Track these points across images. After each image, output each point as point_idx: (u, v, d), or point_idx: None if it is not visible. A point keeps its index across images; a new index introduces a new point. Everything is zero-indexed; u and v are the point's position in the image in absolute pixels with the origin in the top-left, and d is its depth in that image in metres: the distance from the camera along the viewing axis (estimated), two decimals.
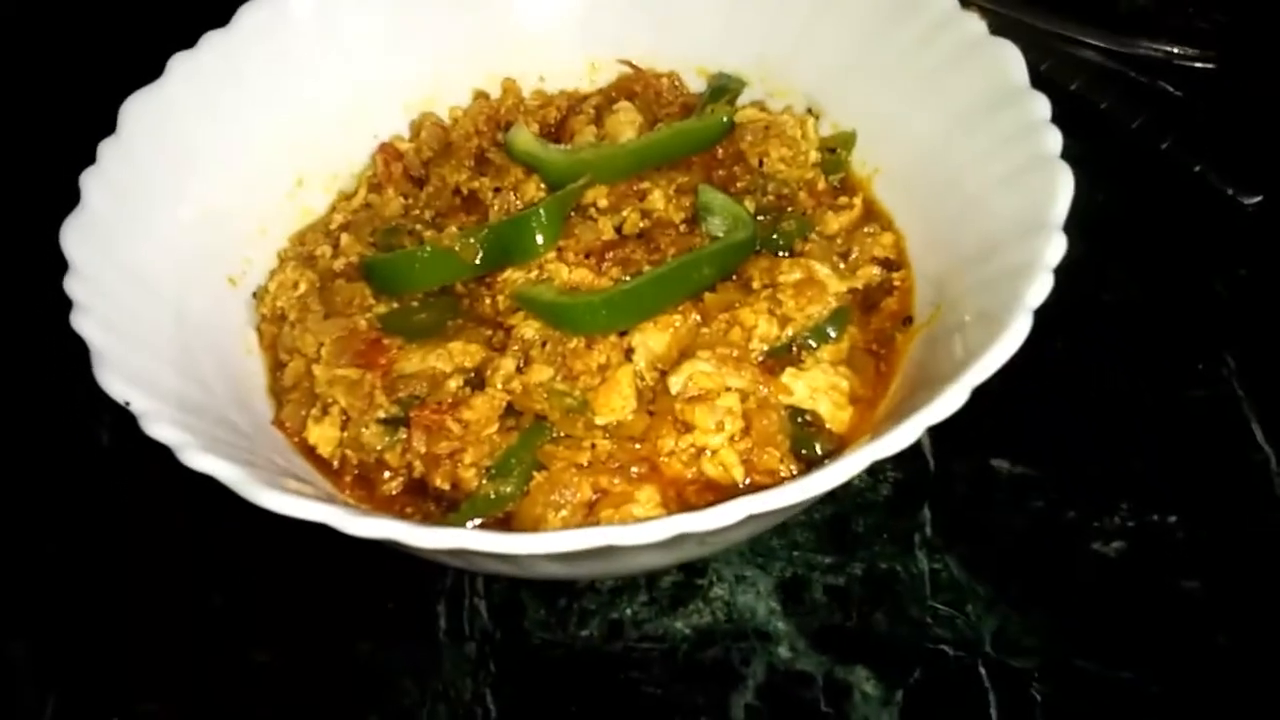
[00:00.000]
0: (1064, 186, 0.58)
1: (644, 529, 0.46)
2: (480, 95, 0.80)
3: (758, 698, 0.62)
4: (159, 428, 0.51)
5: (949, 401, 0.50)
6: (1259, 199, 0.83)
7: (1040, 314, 0.55)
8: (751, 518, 0.47)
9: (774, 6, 0.76)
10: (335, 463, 0.62)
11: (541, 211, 0.66)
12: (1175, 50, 0.91)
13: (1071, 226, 0.58)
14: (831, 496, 0.69)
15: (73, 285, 0.57)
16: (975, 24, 0.68)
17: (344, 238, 0.71)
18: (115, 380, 0.53)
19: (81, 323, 0.55)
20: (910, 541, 0.67)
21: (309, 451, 0.62)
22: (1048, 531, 0.68)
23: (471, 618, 0.65)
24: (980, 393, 0.53)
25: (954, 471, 0.70)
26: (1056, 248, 0.55)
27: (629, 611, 0.65)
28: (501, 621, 0.65)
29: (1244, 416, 0.72)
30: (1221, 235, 0.82)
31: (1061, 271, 0.56)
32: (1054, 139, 0.60)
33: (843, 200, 0.72)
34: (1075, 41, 0.93)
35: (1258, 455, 0.70)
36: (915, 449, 0.71)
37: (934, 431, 0.70)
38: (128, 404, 0.52)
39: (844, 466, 0.49)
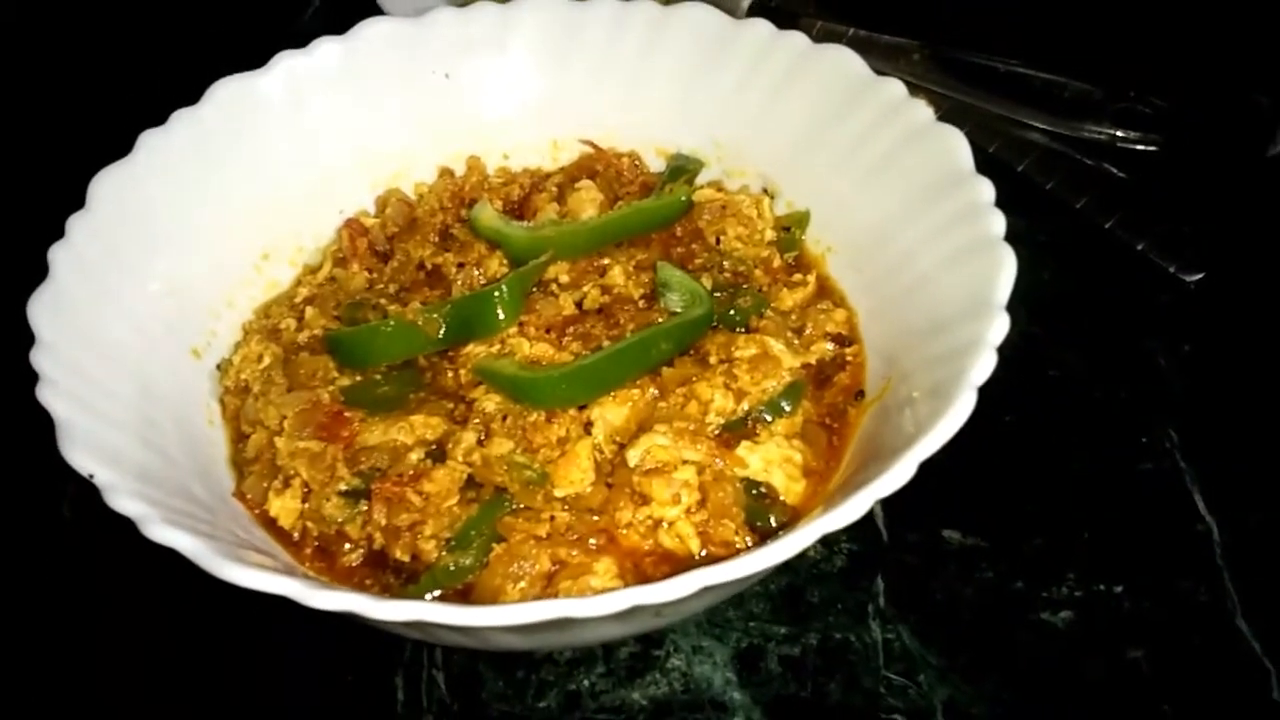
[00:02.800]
0: (1007, 268, 0.60)
1: (600, 601, 0.47)
2: (445, 172, 0.82)
3: None
4: (122, 500, 0.51)
5: (897, 476, 0.52)
6: (1200, 276, 0.86)
7: (988, 389, 0.57)
8: (706, 589, 0.48)
9: (729, 92, 0.78)
10: (296, 535, 0.63)
11: (504, 287, 0.68)
12: (1119, 134, 0.95)
13: (1017, 303, 0.60)
14: (787, 568, 0.71)
15: (39, 358, 0.58)
16: (923, 111, 0.70)
17: (308, 311, 0.72)
18: (79, 453, 0.53)
19: (47, 396, 0.56)
20: (864, 612, 0.68)
21: (270, 523, 0.63)
22: (997, 601, 0.69)
23: (429, 689, 0.65)
24: (931, 466, 0.54)
25: (906, 543, 0.72)
26: (1000, 327, 0.57)
27: (586, 683, 0.65)
28: (459, 693, 0.65)
29: (1186, 489, 0.74)
30: (1164, 312, 0.85)
31: (1009, 347, 0.58)
32: (998, 222, 0.63)
33: (797, 277, 0.74)
34: (1022, 125, 0.96)
35: (1200, 526, 0.72)
36: (868, 521, 0.73)
37: (886, 504, 0.73)
38: (91, 477, 0.52)
39: (796, 539, 0.50)
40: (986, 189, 0.65)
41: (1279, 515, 0.72)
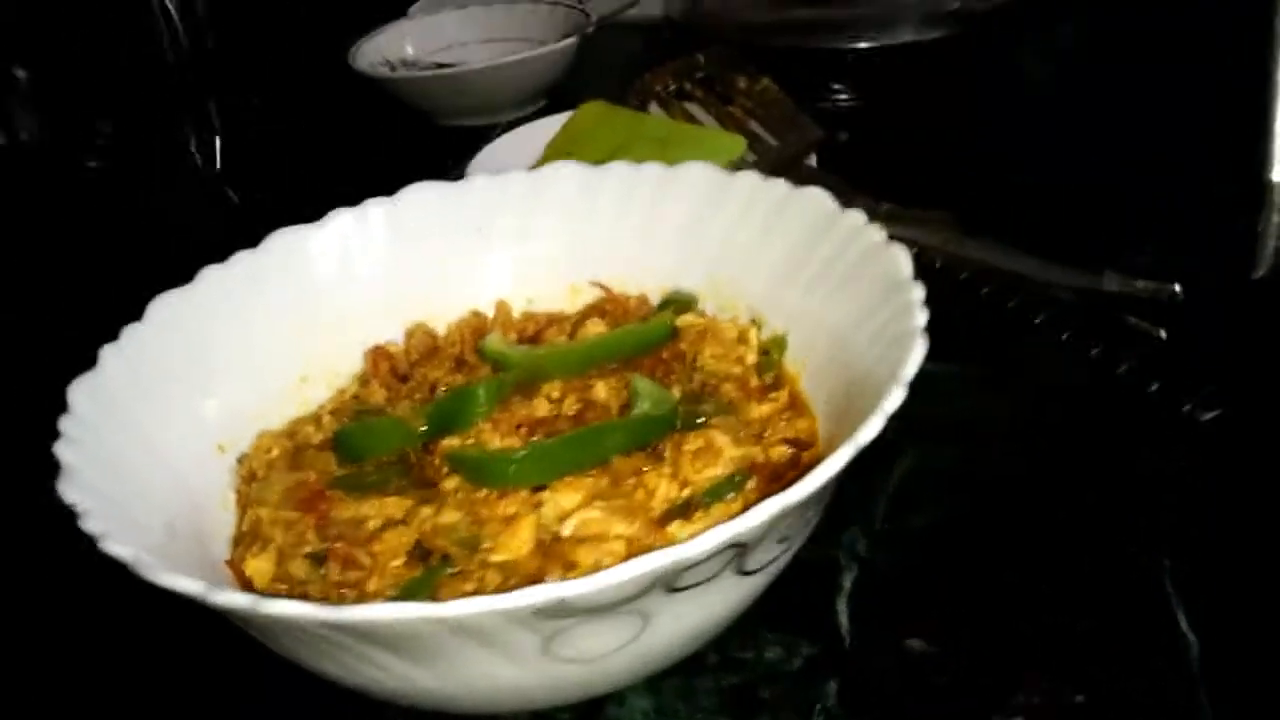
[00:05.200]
0: (917, 351, 0.64)
1: (457, 605, 0.51)
2: (474, 313, 0.91)
3: None
4: (89, 522, 0.59)
5: (798, 490, 0.54)
6: (1215, 414, 0.85)
7: (971, 511, 0.65)
8: (562, 602, 0.52)
9: (722, 235, 0.86)
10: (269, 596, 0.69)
11: (481, 386, 0.75)
12: (1138, 284, 0.96)
13: (1021, 442, 0.61)
14: (743, 666, 0.72)
15: (65, 422, 0.68)
16: (878, 233, 0.76)
17: (326, 418, 0.81)
18: (72, 489, 0.62)
19: (62, 450, 0.65)
20: (811, 710, 0.68)
21: (248, 585, 0.70)
22: (949, 706, 0.68)
23: None
24: (907, 576, 0.57)
25: (867, 649, 0.72)
26: (895, 398, 0.61)
27: None
28: None
29: (1172, 610, 0.72)
30: (1174, 447, 0.84)
31: (1010, 477, 0.59)
32: (921, 316, 0.67)
33: (772, 395, 0.79)
34: (1043, 283, 0.99)
35: (1180, 643, 0.69)
36: (832, 626, 0.73)
37: (853, 610, 0.74)
38: (74, 505, 0.61)
39: (675, 551, 0.52)
40: (918, 291, 0.69)
41: (1266, 640, 0.69)
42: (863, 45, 1.53)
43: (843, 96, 1.56)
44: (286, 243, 0.87)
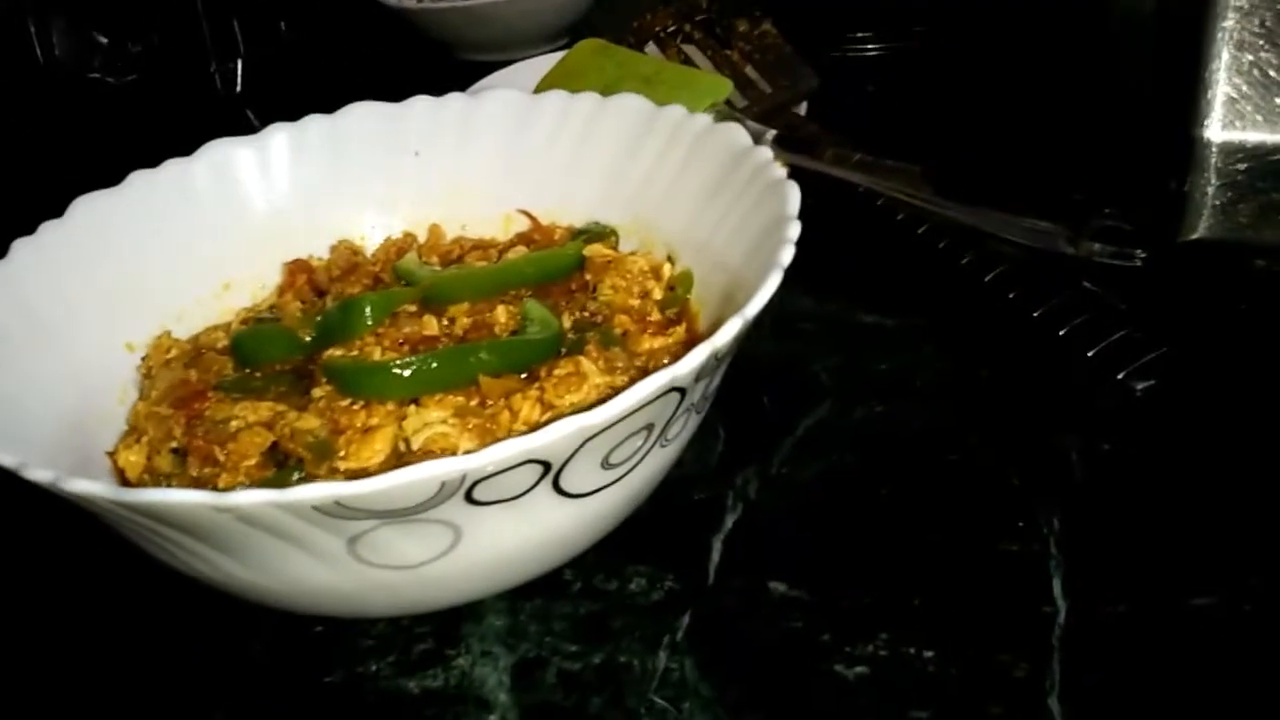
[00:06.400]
0: (769, 287, 0.62)
1: (239, 495, 0.51)
2: (406, 234, 0.92)
3: None
4: None
5: (598, 414, 0.54)
6: (1149, 384, 0.81)
7: (872, 462, 0.70)
8: (337, 502, 0.52)
9: (646, 170, 0.85)
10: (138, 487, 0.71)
11: (366, 300, 0.76)
12: (1095, 248, 0.92)
13: (940, 395, 0.65)
14: (601, 595, 0.71)
15: None
16: (777, 171, 0.74)
17: (236, 326, 0.82)
18: None
19: None
20: (658, 642, 0.68)
21: (120, 475, 0.71)
22: (795, 649, 0.66)
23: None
24: (785, 528, 0.63)
25: (729, 587, 0.71)
26: (730, 327, 0.59)
27: (374, 668, 0.68)
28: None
29: (1047, 574, 0.69)
30: (1098, 414, 0.81)
31: (918, 439, 0.67)
32: (785, 254, 0.65)
33: (671, 330, 0.78)
34: (1002, 240, 0.96)
35: (1047, 608, 0.67)
36: (699, 563, 0.73)
37: (725, 550, 0.73)
38: None
39: (457, 461, 0.52)
40: (794, 228, 0.67)
41: (1138, 611, 0.66)
42: None
43: (869, 46, 1.52)
44: (219, 153, 0.88)
